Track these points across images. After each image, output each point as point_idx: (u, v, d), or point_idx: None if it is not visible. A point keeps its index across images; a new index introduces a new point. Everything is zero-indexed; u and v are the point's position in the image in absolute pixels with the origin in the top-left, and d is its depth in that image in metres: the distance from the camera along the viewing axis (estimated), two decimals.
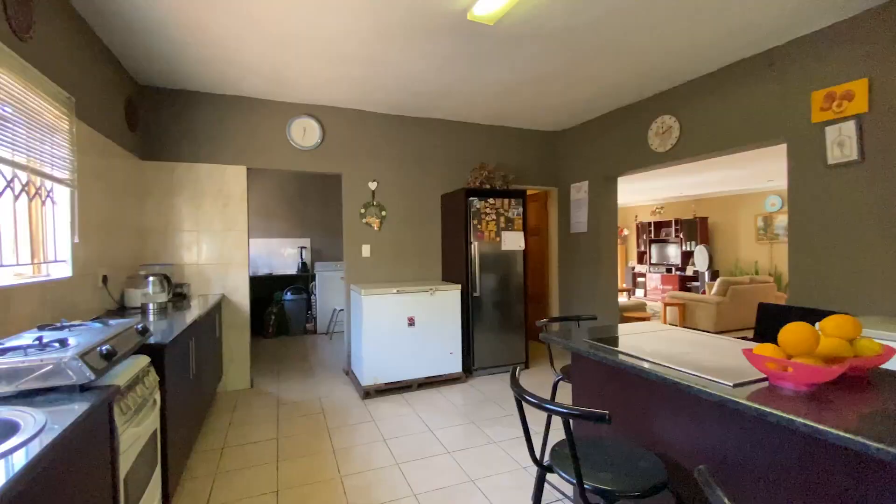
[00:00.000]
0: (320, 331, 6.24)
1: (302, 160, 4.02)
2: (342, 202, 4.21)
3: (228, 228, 3.80)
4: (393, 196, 4.35)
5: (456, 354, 3.89)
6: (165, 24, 2.58)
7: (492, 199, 4.11)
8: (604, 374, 1.88)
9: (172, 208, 3.64)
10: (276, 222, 6.62)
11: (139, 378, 1.61)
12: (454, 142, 4.61)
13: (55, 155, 2.16)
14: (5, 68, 1.71)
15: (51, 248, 2.25)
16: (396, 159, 4.37)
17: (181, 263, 3.66)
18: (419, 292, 3.75)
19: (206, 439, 2.84)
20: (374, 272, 4.27)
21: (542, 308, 5.38)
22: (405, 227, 4.40)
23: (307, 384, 3.95)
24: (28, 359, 1.13)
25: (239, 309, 3.84)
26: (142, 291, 2.79)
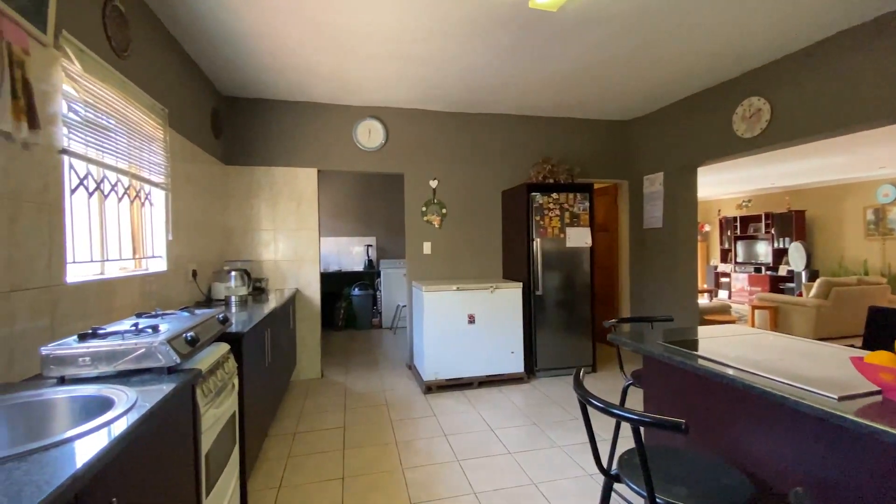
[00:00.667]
0: (385, 326, 6.43)
1: (367, 161, 4.16)
2: (404, 201, 4.29)
3: (301, 227, 4.03)
4: (453, 194, 4.36)
5: (517, 354, 3.80)
6: (242, 35, 2.79)
7: (555, 194, 3.96)
8: (680, 381, 1.72)
9: (252, 209, 3.93)
10: (345, 222, 6.93)
11: (220, 363, 1.74)
12: (515, 136, 4.51)
13: (152, 161, 2.41)
14: (108, 84, 1.93)
15: (149, 245, 2.52)
16: (456, 157, 4.37)
17: (260, 260, 3.95)
18: (479, 290, 3.71)
19: (280, 424, 3.03)
20: (435, 269, 4.31)
21: (611, 309, 5.10)
22: (465, 225, 4.39)
23: (372, 376, 4.08)
24: (125, 342, 1.26)
25: (311, 303, 4.06)
26: (225, 285, 3.04)
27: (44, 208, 1.51)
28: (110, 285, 1.95)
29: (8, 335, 1.32)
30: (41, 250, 1.50)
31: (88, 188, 1.86)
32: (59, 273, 1.60)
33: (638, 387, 2.14)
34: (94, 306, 1.82)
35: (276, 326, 2.98)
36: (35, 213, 1.47)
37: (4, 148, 1.30)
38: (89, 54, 1.79)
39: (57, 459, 0.77)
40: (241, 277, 3.08)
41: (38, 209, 1.49)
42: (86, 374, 1.25)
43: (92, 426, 0.89)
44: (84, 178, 1.82)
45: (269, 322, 2.71)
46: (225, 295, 3.02)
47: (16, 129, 1.30)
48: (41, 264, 1.50)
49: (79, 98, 1.72)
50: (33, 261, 1.45)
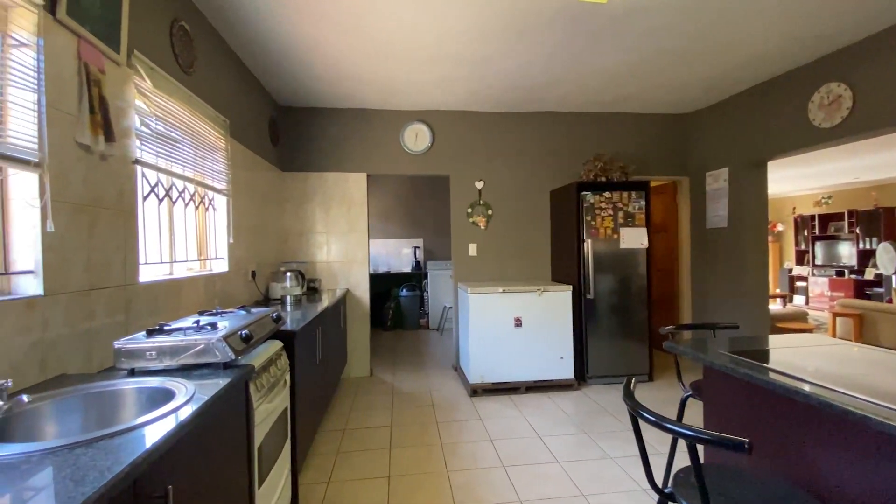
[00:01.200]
0: (432, 326, 6.47)
1: (414, 164, 4.21)
2: (450, 203, 4.29)
3: (351, 230, 4.15)
4: (499, 194, 4.30)
5: (567, 360, 3.68)
6: (296, 48, 2.91)
7: (608, 193, 3.80)
8: (745, 394, 1.58)
9: (306, 213, 4.11)
10: (393, 224, 7.06)
11: (273, 360, 1.82)
12: (563, 134, 4.38)
13: (215, 169, 2.58)
14: (175, 98, 2.09)
15: (213, 248, 2.70)
16: (502, 157, 4.31)
17: (313, 261, 4.11)
18: (526, 292, 3.63)
19: (330, 420, 3.13)
20: (481, 271, 4.27)
21: (670, 314, 4.81)
22: (512, 226, 4.31)
23: (419, 376, 4.11)
24: (185, 339, 1.35)
25: (360, 303, 4.17)
26: (281, 285, 3.19)
27: (119, 214, 1.66)
28: (177, 285, 2.11)
29: (88, 329, 1.46)
30: (117, 252, 1.64)
31: (158, 195, 2.02)
32: (133, 273, 1.74)
33: (698, 399, 1.99)
34: (164, 304, 1.97)
35: (327, 325, 3.08)
36: (111, 219, 1.61)
37: (84, 159, 1.44)
38: (158, 71, 1.94)
39: (120, 447, 0.83)
40: (295, 278, 3.22)
41: (115, 215, 1.63)
42: (153, 367, 1.35)
43: (152, 416, 0.96)
44: (154, 186, 1.98)
45: (321, 321, 2.81)
46: (281, 294, 3.17)
47: (94, 142, 1.44)
48: (117, 265, 1.64)
49: (149, 112, 1.87)
50: (110, 262, 1.59)
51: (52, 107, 1.29)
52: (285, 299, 3.12)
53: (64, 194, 1.35)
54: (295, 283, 3.20)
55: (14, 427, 0.96)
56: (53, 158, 1.30)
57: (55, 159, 1.30)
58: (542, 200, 4.35)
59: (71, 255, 1.38)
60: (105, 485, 0.70)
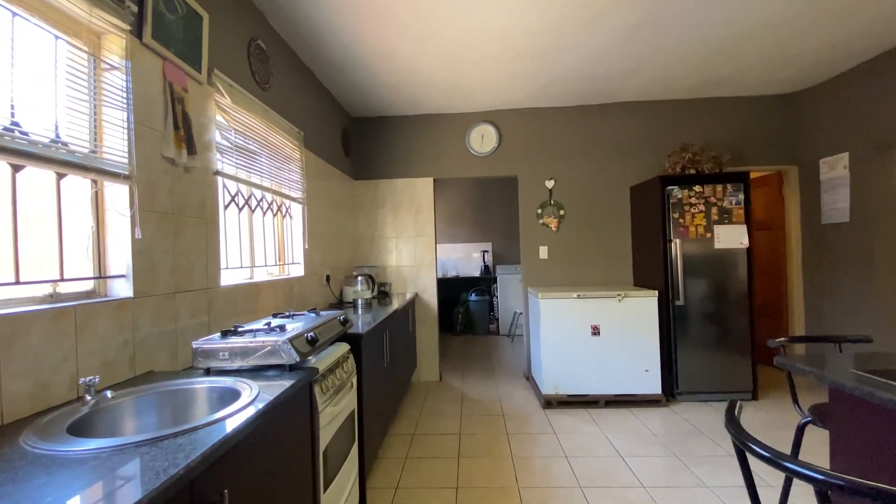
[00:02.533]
0: (502, 332, 6.32)
1: (480, 166, 4.13)
2: (518, 204, 4.14)
3: (419, 234, 4.17)
4: (572, 193, 4.06)
5: (653, 373, 3.34)
6: (363, 57, 2.98)
7: (698, 187, 3.40)
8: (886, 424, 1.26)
9: (377, 219, 4.21)
10: (461, 228, 7.03)
11: (339, 363, 1.83)
12: (644, 125, 4.02)
13: (290, 179, 2.71)
14: (253, 113, 2.21)
15: (289, 253, 2.84)
16: (575, 153, 4.07)
17: (384, 266, 4.19)
18: (605, 298, 3.36)
19: (399, 424, 3.13)
20: (552, 275, 4.05)
21: (777, 323, 4.19)
22: (586, 226, 4.04)
23: (488, 384, 4.00)
24: (254, 340, 1.38)
25: (429, 307, 4.16)
26: (353, 289, 3.27)
27: (201, 222, 1.77)
28: (256, 288, 2.22)
29: (173, 330, 1.57)
30: (199, 258, 1.75)
31: (238, 204, 2.15)
32: (214, 277, 1.85)
33: (820, 426, 1.66)
34: (243, 306, 2.09)
35: (395, 328, 3.10)
36: (194, 226, 1.73)
37: (169, 171, 1.55)
38: (237, 88, 2.07)
39: (180, 447, 0.84)
40: (366, 282, 3.28)
41: (197, 223, 1.74)
42: (226, 366, 1.41)
43: (215, 418, 0.97)
44: (234, 195, 2.11)
45: (389, 324, 2.82)
46: (353, 298, 3.25)
47: (178, 155, 1.55)
48: (199, 270, 1.75)
49: (228, 126, 2.00)
50: (193, 267, 1.71)
51: (140, 124, 1.40)
52: (357, 302, 3.19)
53: (151, 204, 1.46)
54: (365, 286, 3.27)
55: (97, 421, 1.03)
56: (142, 171, 1.41)
57: (143, 172, 1.41)
58: (621, 198, 4.03)
59: (158, 261, 1.49)
60: (158, 488, 0.69)
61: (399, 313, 3.25)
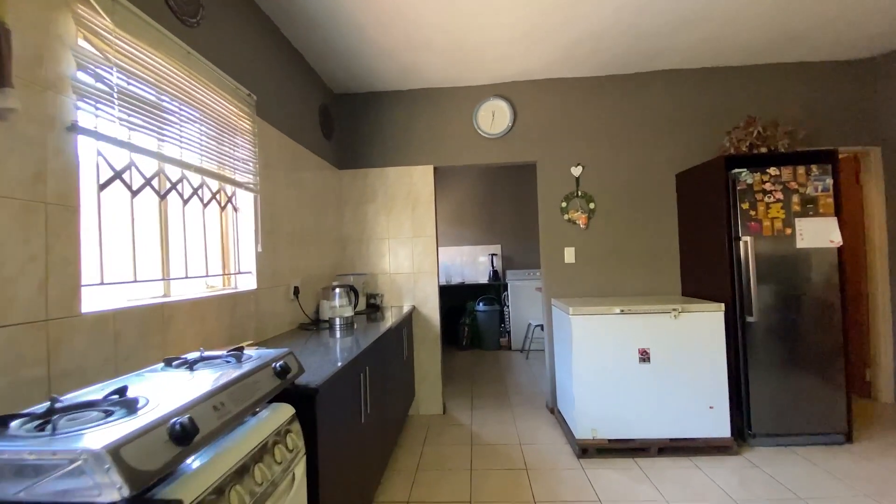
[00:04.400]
0: (515, 347, 5.55)
1: (490, 150, 3.39)
2: (537, 197, 3.40)
3: (418, 234, 3.43)
4: (604, 182, 3.31)
5: (719, 410, 2.57)
6: (344, 8, 2.26)
7: (773, 169, 2.64)
8: None
9: (366, 216, 3.47)
10: (467, 229, 6.29)
11: (267, 447, 1.09)
12: (694, 97, 3.27)
13: (236, 157, 1.98)
14: (163, 53, 1.49)
15: (235, 260, 2.10)
16: (607, 134, 3.32)
17: (375, 272, 3.45)
18: (656, 313, 2.60)
19: (389, 486, 2.38)
20: (581, 283, 3.29)
21: (856, 342, 3.41)
22: (623, 222, 3.29)
23: (504, 417, 3.23)
24: (35, 449, 0.64)
25: (429, 322, 3.41)
26: (330, 304, 2.54)
27: (34, 208, 1.04)
28: (168, 312, 1.49)
29: None
30: (29, 268, 1.02)
31: (131, 184, 1.41)
32: (67, 300, 1.12)
33: None
34: (140, 342, 1.35)
35: (383, 359, 2.36)
36: (19, 215, 0.99)
37: None
38: (129, 8, 1.34)
39: None
40: (346, 295, 2.54)
41: (24, 210, 1.01)
42: None
43: None
44: (123, 170, 1.37)
45: (372, 356, 2.08)
46: (329, 316, 2.51)
47: None
48: (27, 288, 1.02)
49: (107, 62, 1.27)
50: (6, 284, 0.97)
51: None
52: (334, 323, 2.46)
53: None
54: (345, 300, 2.53)
55: None
56: None
57: None
58: (665, 187, 3.28)
59: None
60: None
61: (389, 336, 2.51)
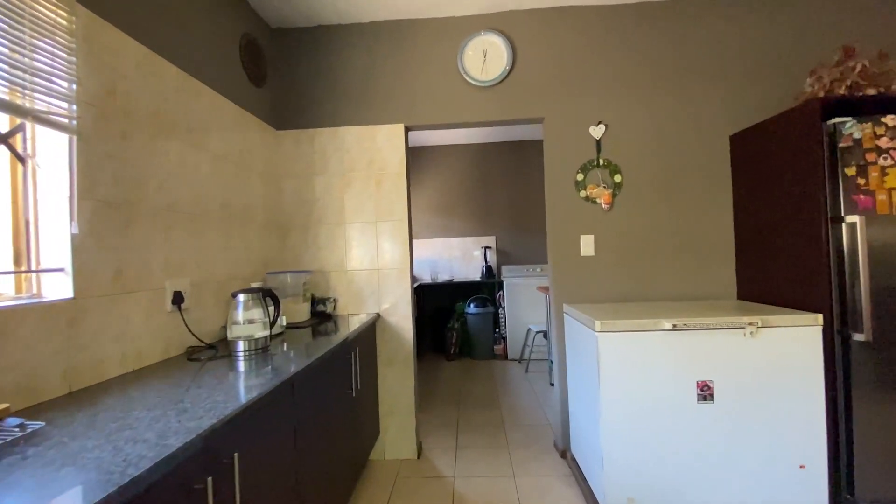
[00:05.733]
0: (511, 356, 4.72)
1: (482, 104, 2.53)
2: (543, 169, 2.55)
3: (383, 217, 2.57)
4: (634, 147, 2.47)
5: (815, 469, 1.75)
6: None
7: (890, 117, 1.81)
8: None
9: (313, 192, 2.60)
10: (456, 218, 5.42)
11: None
12: (757, 29, 2.43)
13: (35, 69, 1.10)
14: None
15: (37, 248, 1.23)
16: (638, 82, 2.47)
17: (325, 269, 2.59)
18: (722, 329, 1.77)
19: None
20: (603, 282, 2.46)
21: None
22: (658, 200, 2.45)
23: (499, 463, 2.40)
24: None
25: (399, 335, 2.56)
26: (232, 320, 1.67)
27: None
28: None
29: None
30: None
31: None
32: None
33: None
34: None
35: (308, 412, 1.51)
36: None
37: None
38: None
39: None
40: (258, 303, 1.68)
41: None
42: None
43: None
44: None
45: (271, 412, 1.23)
46: (230, 337, 1.64)
47: None
48: None
49: None
50: None
51: None
52: (236, 350, 1.59)
53: None
54: (259, 312, 1.66)
55: None
56: None
57: None
58: (716, 153, 2.44)
59: None
60: None
61: (322, 367, 1.66)
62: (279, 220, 2.58)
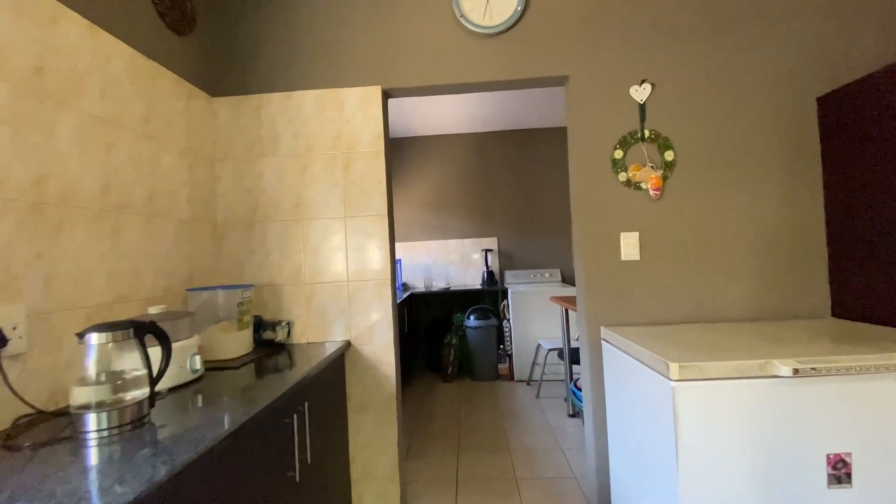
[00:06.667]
0: (519, 377, 4.07)
1: (484, 58, 1.89)
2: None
3: (355, 211, 1.92)
4: (689, 113, 1.84)
5: None
6: None
7: None
8: None
9: (260, 178, 1.95)
10: (453, 217, 4.78)
11: None
12: None
13: None
14: None
15: None
16: (693, 27, 1.84)
17: (276, 282, 1.94)
18: (860, 375, 1.14)
19: None
20: (653, 297, 1.82)
21: None
22: (724, 182, 1.82)
23: None
24: None
25: (377, 371, 1.91)
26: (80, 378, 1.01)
27: None
28: None
29: None
30: None
31: None
32: None
33: None
34: None
35: None
36: None
37: None
38: None
39: None
40: (130, 348, 1.03)
41: None
42: None
43: None
44: None
45: None
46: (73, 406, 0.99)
47: None
48: None
49: None
50: None
51: None
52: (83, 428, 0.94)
53: None
54: (132, 360, 1.01)
55: None
56: None
57: None
58: (800, 119, 1.81)
59: None
60: None
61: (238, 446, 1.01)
62: (212, 217, 1.93)
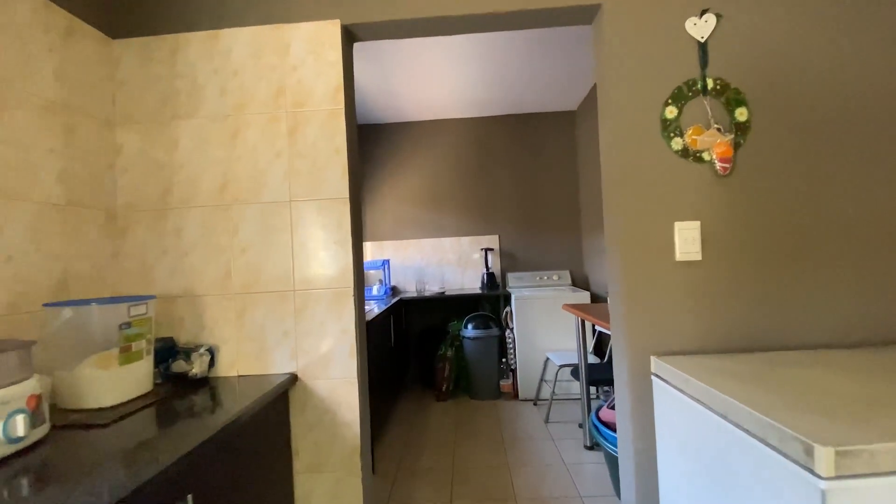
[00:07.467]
0: (524, 395, 3.53)
1: None
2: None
3: (304, 193, 1.39)
4: (769, 56, 1.30)
5: None
6: None
7: None
8: None
9: (175, 149, 1.42)
10: (448, 213, 4.25)
11: None
12: None
13: None
14: None
15: None
16: None
17: (195, 293, 1.40)
18: None
19: None
20: (722, 312, 1.28)
21: None
22: (821, 154, 1.29)
23: None
24: None
25: (335, 415, 1.38)
26: None
27: None
28: None
29: None
30: None
31: None
32: None
33: None
34: None
35: None
36: None
37: None
38: None
39: None
40: None
41: None
42: None
43: None
44: None
45: None
46: None
47: None
48: None
49: None
50: None
51: None
52: None
53: None
54: None
55: None
56: None
57: None
58: None
59: None
60: None
61: None
62: (105, 202, 1.39)
